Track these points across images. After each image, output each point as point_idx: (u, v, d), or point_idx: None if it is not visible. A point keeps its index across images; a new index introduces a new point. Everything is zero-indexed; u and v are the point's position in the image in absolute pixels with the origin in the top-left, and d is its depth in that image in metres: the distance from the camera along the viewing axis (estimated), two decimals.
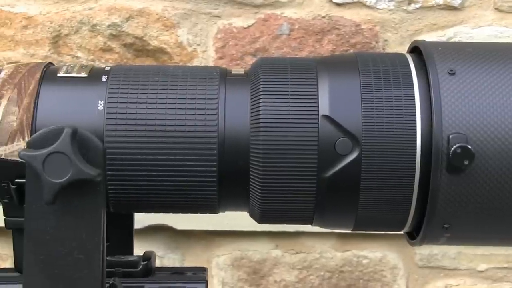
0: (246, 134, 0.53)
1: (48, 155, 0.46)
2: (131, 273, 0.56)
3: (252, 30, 1.03)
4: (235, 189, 0.54)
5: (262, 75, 0.54)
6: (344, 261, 1.07)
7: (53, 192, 0.46)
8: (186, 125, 0.53)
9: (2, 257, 1.06)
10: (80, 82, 0.55)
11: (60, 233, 0.48)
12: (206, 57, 1.04)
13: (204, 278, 0.56)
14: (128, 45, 1.02)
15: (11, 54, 1.02)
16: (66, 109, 0.54)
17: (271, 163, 0.53)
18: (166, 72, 0.55)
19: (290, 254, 1.07)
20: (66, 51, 1.02)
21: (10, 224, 0.55)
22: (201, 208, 0.56)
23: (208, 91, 0.54)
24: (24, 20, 1.02)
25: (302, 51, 1.04)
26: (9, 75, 0.54)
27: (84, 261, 0.48)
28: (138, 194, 0.54)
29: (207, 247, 1.07)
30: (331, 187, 0.53)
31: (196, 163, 0.53)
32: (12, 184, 0.54)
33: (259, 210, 0.55)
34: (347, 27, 1.03)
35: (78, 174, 0.46)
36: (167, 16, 1.02)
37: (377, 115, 0.53)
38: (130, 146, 0.53)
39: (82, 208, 0.48)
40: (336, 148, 0.53)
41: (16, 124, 0.53)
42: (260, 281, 1.07)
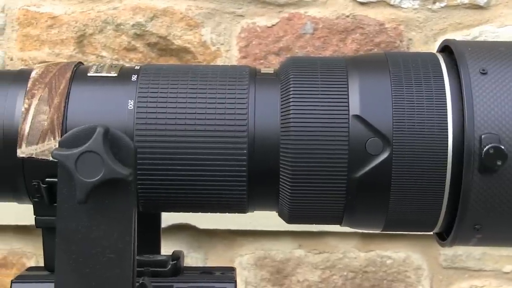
0: (276, 133, 0.53)
1: (80, 155, 0.46)
2: (160, 272, 0.56)
3: (276, 29, 1.03)
4: (264, 189, 0.54)
5: (292, 75, 0.54)
6: (368, 261, 1.06)
7: (85, 191, 0.46)
8: (216, 124, 0.53)
9: (26, 255, 1.07)
10: (110, 81, 0.55)
11: (92, 232, 0.48)
12: (229, 56, 1.03)
13: (233, 278, 0.56)
14: (152, 45, 1.03)
15: (37, 53, 1.03)
16: (96, 109, 0.54)
17: (301, 163, 0.53)
18: (196, 71, 0.55)
19: (313, 254, 1.07)
20: (91, 50, 1.03)
21: (40, 223, 0.56)
22: (231, 208, 0.56)
23: (238, 91, 0.54)
24: (50, 20, 1.02)
25: (326, 51, 1.03)
26: (40, 74, 0.55)
27: (116, 260, 0.48)
28: (167, 193, 0.54)
29: (230, 246, 1.07)
30: (362, 187, 0.53)
31: (226, 162, 0.53)
32: (43, 183, 0.54)
33: (288, 210, 0.55)
34: (371, 26, 1.02)
35: (110, 174, 0.46)
36: (191, 16, 1.02)
37: (408, 115, 0.52)
38: (160, 145, 0.53)
39: (114, 208, 0.48)
40: (367, 148, 0.52)
41: (47, 123, 0.53)
42: (283, 281, 1.07)
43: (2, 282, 1.07)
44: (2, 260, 1.07)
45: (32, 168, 0.53)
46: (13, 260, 1.07)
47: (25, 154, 0.52)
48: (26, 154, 0.52)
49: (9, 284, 1.05)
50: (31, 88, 0.54)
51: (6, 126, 0.53)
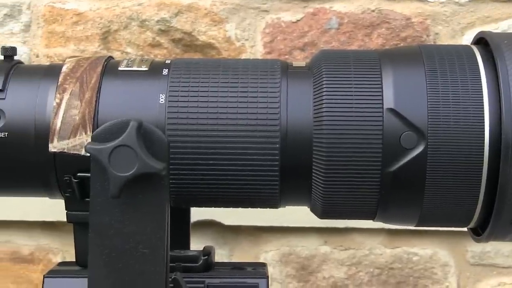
0: (309, 127, 0.52)
1: (114, 149, 0.46)
2: (192, 268, 0.56)
3: (301, 25, 1.02)
4: (297, 184, 0.54)
5: (324, 68, 0.54)
6: (394, 258, 1.05)
7: (119, 185, 0.46)
8: (248, 118, 0.52)
9: (53, 251, 1.07)
10: (141, 75, 0.55)
11: (125, 227, 0.47)
12: (254, 52, 1.03)
13: (264, 273, 0.56)
14: (177, 41, 1.02)
15: (62, 50, 1.03)
16: (127, 103, 0.53)
17: (334, 157, 0.52)
18: (227, 65, 0.55)
19: (339, 250, 1.06)
20: (116, 46, 1.03)
21: (71, 218, 0.56)
22: (262, 203, 0.55)
23: (269, 84, 0.53)
24: (75, 17, 1.02)
25: (351, 46, 1.02)
26: (71, 69, 0.54)
27: (149, 256, 0.47)
28: (198, 188, 0.54)
29: (255, 242, 1.07)
30: (396, 181, 0.52)
31: (258, 157, 0.52)
32: (74, 178, 0.54)
33: (321, 205, 0.54)
34: (397, 20, 1.01)
35: (143, 168, 0.46)
36: (216, 11, 1.01)
37: (444, 108, 0.51)
38: (191, 140, 0.52)
39: (147, 202, 0.47)
40: (401, 141, 0.51)
41: (79, 118, 0.53)
42: (308, 277, 1.06)
43: (29, 277, 1.07)
44: (29, 256, 1.07)
45: (64, 163, 0.53)
46: (39, 256, 1.07)
47: (56, 149, 0.52)
48: (57, 149, 0.52)
49: (37, 280, 1.06)
50: (62, 82, 0.53)
51: (38, 121, 0.53)
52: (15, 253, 1.07)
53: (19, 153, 0.53)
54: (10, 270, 1.07)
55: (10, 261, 1.07)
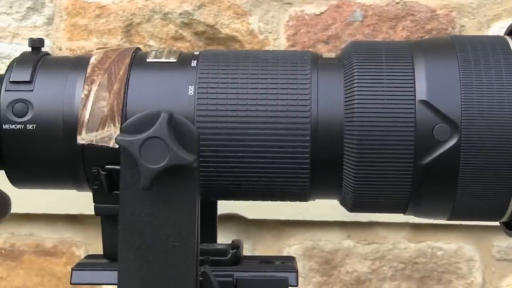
0: (339, 119, 0.52)
1: (145, 140, 0.45)
2: (220, 261, 0.55)
3: (325, 17, 1.01)
4: (327, 176, 0.53)
5: (355, 59, 0.53)
6: (418, 252, 1.04)
7: (149, 177, 0.45)
8: (278, 110, 0.52)
9: (76, 244, 1.07)
10: (170, 67, 0.54)
11: (155, 219, 0.47)
12: (277, 44, 1.02)
13: (294, 267, 0.55)
14: (200, 33, 1.02)
15: (85, 43, 1.03)
16: (156, 94, 0.53)
17: (365, 149, 0.51)
18: (256, 57, 0.54)
19: (363, 245, 1.05)
20: (138, 40, 1.02)
21: (99, 210, 0.55)
22: (292, 196, 0.55)
23: (300, 76, 0.53)
24: (98, 10, 1.02)
25: (376, 38, 1.01)
26: (99, 60, 0.54)
27: (179, 249, 0.47)
28: (228, 181, 0.53)
29: (278, 236, 1.06)
30: (428, 174, 0.51)
31: (289, 149, 0.52)
32: (103, 170, 0.53)
33: (351, 198, 0.53)
34: (422, 13, 1.00)
35: (175, 160, 0.45)
36: (239, 4, 1.01)
37: (478, 100, 0.50)
38: (220, 132, 0.52)
39: (177, 195, 0.47)
40: (434, 134, 0.51)
41: (107, 109, 0.52)
42: (331, 272, 1.06)
43: (52, 270, 1.08)
44: (52, 249, 1.07)
45: (92, 155, 0.53)
46: (63, 249, 1.07)
47: (85, 141, 0.52)
48: (86, 141, 0.52)
49: (61, 272, 1.06)
50: (90, 74, 0.53)
51: (66, 113, 0.53)
52: (38, 246, 1.07)
53: (47, 145, 0.53)
54: (33, 263, 1.08)
55: (34, 254, 1.07)
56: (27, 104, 0.53)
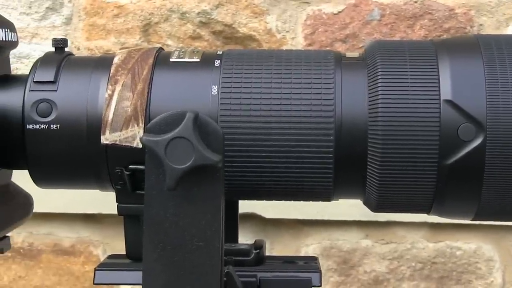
0: (363, 119, 0.51)
1: (170, 141, 0.45)
2: (243, 261, 0.55)
3: (342, 16, 1.01)
4: (351, 176, 0.53)
5: (379, 59, 0.53)
6: (437, 252, 1.04)
7: (175, 178, 0.45)
8: (302, 110, 0.52)
9: (94, 244, 1.08)
10: (193, 66, 0.54)
11: (180, 220, 0.47)
12: (295, 44, 1.02)
13: (317, 267, 0.55)
14: (217, 33, 1.02)
15: (103, 42, 1.03)
16: (179, 94, 0.53)
17: (390, 149, 0.51)
18: (280, 56, 0.54)
19: (381, 244, 1.05)
20: (156, 39, 1.02)
21: (122, 210, 0.55)
22: (315, 196, 0.54)
23: (323, 75, 0.52)
24: (116, 9, 1.02)
25: (393, 37, 1.01)
26: (122, 60, 0.54)
27: (204, 249, 0.47)
28: (251, 181, 0.53)
29: (296, 236, 1.06)
30: (453, 174, 0.51)
31: (312, 149, 0.52)
32: (126, 170, 0.53)
33: (375, 198, 0.53)
34: (440, 11, 1.00)
35: (200, 160, 0.45)
36: (256, 3, 1.01)
37: (503, 99, 0.50)
38: (244, 131, 0.52)
39: (202, 195, 0.47)
40: (459, 134, 0.50)
41: (131, 109, 0.52)
42: (349, 271, 1.06)
43: (70, 269, 1.08)
44: (70, 248, 1.08)
45: (115, 154, 0.53)
46: (80, 248, 1.08)
47: (109, 140, 0.52)
48: (110, 141, 0.52)
49: (78, 272, 1.06)
50: (114, 74, 0.53)
51: (90, 113, 0.53)
52: (56, 245, 1.08)
53: (71, 145, 0.53)
54: (52, 262, 1.08)
55: (52, 253, 1.08)
56: (51, 104, 0.53)
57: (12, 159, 0.55)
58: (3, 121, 0.54)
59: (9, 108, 0.54)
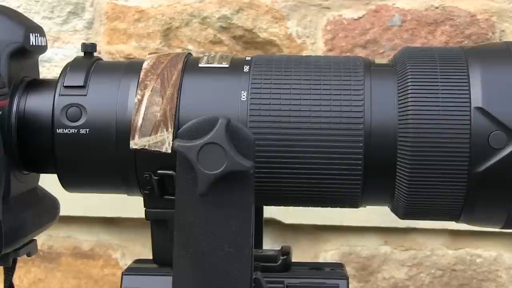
0: (393, 126, 0.51)
1: (202, 146, 0.45)
2: (270, 267, 0.55)
3: (363, 22, 1.01)
4: (380, 183, 0.53)
5: (409, 65, 0.52)
6: (457, 260, 1.03)
7: (207, 183, 0.45)
8: (332, 116, 0.52)
9: (113, 247, 1.08)
10: (222, 72, 0.54)
11: (210, 226, 0.47)
12: (315, 49, 1.02)
13: (344, 274, 0.55)
14: (238, 38, 1.02)
15: (124, 47, 1.03)
16: (208, 100, 0.53)
17: (420, 156, 0.51)
18: (309, 62, 0.54)
19: (400, 251, 1.05)
20: (177, 43, 1.03)
21: (150, 215, 0.55)
22: (343, 202, 0.54)
23: (353, 82, 0.52)
24: (137, 14, 1.03)
25: (414, 43, 1.01)
26: (151, 65, 0.54)
27: (234, 255, 0.47)
28: (279, 187, 0.53)
29: (315, 242, 1.06)
30: (483, 182, 0.50)
31: (342, 155, 0.52)
32: (155, 175, 0.53)
33: (404, 205, 0.53)
34: (462, 17, 0.99)
35: (232, 166, 0.45)
36: (277, 8, 1.01)
37: None
38: (273, 137, 0.52)
39: (233, 201, 0.47)
40: (490, 141, 0.50)
41: (160, 114, 0.52)
42: (368, 278, 1.05)
43: (89, 273, 1.08)
44: (89, 251, 1.08)
45: (144, 160, 0.53)
46: (99, 251, 1.08)
47: (138, 145, 0.52)
48: (139, 146, 0.52)
49: (97, 275, 1.06)
50: (143, 79, 0.53)
51: (119, 118, 0.53)
52: (76, 248, 1.08)
53: (100, 150, 0.53)
54: (71, 265, 1.08)
55: (71, 256, 1.08)
56: (80, 109, 0.53)
57: (41, 163, 0.55)
58: (33, 125, 0.54)
59: (39, 113, 0.54)
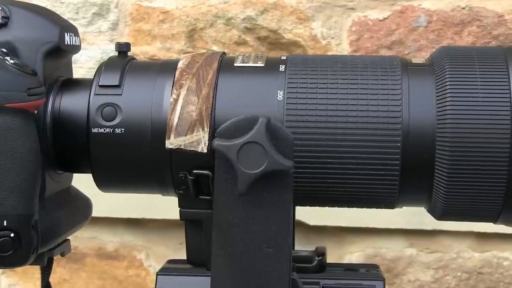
0: (431, 126, 0.51)
1: (242, 145, 0.45)
2: (305, 268, 0.55)
3: (388, 23, 1.00)
4: (417, 184, 0.52)
5: (447, 65, 0.52)
6: (483, 262, 1.02)
7: (247, 183, 0.45)
8: (369, 116, 0.51)
9: (137, 248, 1.08)
10: (258, 71, 0.54)
11: (249, 226, 0.46)
12: (340, 50, 1.02)
13: (380, 275, 0.54)
14: (262, 38, 1.02)
15: (148, 48, 1.03)
16: (244, 99, 0.53)
17: (459, 156, 0.50)
18: (344, 61, 0.54)
19: (426, 253, 1.04)
20: (201, 44, 1.03)
21: (184, 215, 0.55)
22: (379, 203, 0.54)
23: (390, 81, 0.52)
24: (161, 15, 1.02)
25: (440, 44, 1.00)
26: (186, 64, 0.54)
27: (273, 255, 0.46)
28: (315, 187, 0.52)
29: (340, 243, 1.05)
30: None
31: (379, 155, 0.51)
32: (190, 175, 0.53)
33: (442, 206, 0.52)
34: (489, 18, 0.98)
35: (273, 165, 0.45)
36: (302, 9, 1.00)
37: None
38: (310, 137, 0.51)
39: (272, 201, 0.46)
40: None
41: (196, 114, 0.52)
42: (393, 280, 1.04)
43: (113, 273, 1.08)
44: (114, 252, 1.08)
45: (180, 159, 0.53)
46: (124, 252, 1.08)
47: (173, 145, 0.52)
48: (174, 146, 0.52)
49: (122, 276, 1.06)
50: (179, 78, 0.53)
51: (154, 117, 0.53)
52: (100, 249, 1.08)
53: (135, 150, 0.53)
54: (96, 266, 1.08)
55: (96, 257, 1.08)
56: (115, 108, 0.53)
57: (76, 162, 0.55)
58: (68, 124, 0.54)
59: (74, 112, 0.54)
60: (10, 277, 1.12)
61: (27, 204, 0.49)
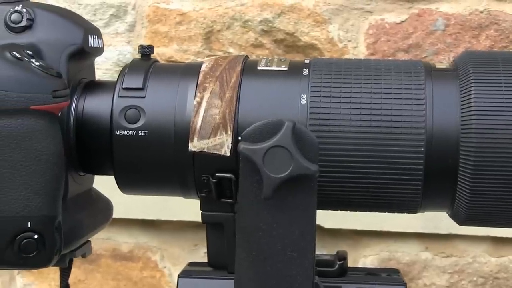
0: (455, 131, 0.50)
1: (268, 149, 0.45)
2: (327, 272, 0.55)
3: (405, 26, 1.00)
4: (440, 189, 0.52)
5: (472, 69, 0.52)
6: (500, 267, 1.02)
7: (273, 187, 0.45)
8: (392, 120, 0.51)
9: (152, 250, 1.08)
10: (281, 75, 0.54)
11: (273, 229, 0.46)
12: (356, 53, 1.01)
13: (401, 280, 0.54)
14: (279, 41, 1.02)
15: (165, 50, 1.03)
16: (268, 103, 0.53)
17: (483, 161, 0.50)
18: (368, 66, 0.54)
19: (441, 257, 1.03)
20: (218, 47, 1.03)
21: (206, 218, 0.55)
22: (402, 208, 0.54)
23: (414, 86, 0.52)
24: (178, 17, 1.03)
25: (458, 48, 1.00)
26: (210, 67, 0.54)
27: (297, 259, 0.46)
28: (339, 191, 0.52)
29: (354, 246, 1.05)
30: None
31: (402, 160, 0.51)
32: (213, 178, 0.53)
33: (465, 211, 0.52)
34: (507, 22, 0.98)
35: (298, 169, 0.45)
36: (319, 12, 1.00)
37: None
38: (333, 141, 0.51)
39: (296, 205, 0.46)
40: None
41: (219, 117, 0.52)
42: (409, 284, 1.04)
43: (128, 274, 1.08)
44: (128, 253, 1.08)
45: (202, 162, 0.53)
46: (138, 253, 1.08)
47: (196, 148, 0.52)
48: (197, 148, 0.52)
49: (136, 277, 1.06)
50: (202, 81, 0.53)
51: (178, 120, 0.53)
52: (115, 250, 1.08)
53: (158, 152, 0.53)
54: (110, 267, 1.08)
55: (111, 258, 1.08)
56: (139, 111, 0.53)
57: (98, 164, 0.55)
58: (91, 126, 0.54)
59: (97, 114, 0.54)
60: (26, 277, 1.13)
61: (51, 206, 0.49)
